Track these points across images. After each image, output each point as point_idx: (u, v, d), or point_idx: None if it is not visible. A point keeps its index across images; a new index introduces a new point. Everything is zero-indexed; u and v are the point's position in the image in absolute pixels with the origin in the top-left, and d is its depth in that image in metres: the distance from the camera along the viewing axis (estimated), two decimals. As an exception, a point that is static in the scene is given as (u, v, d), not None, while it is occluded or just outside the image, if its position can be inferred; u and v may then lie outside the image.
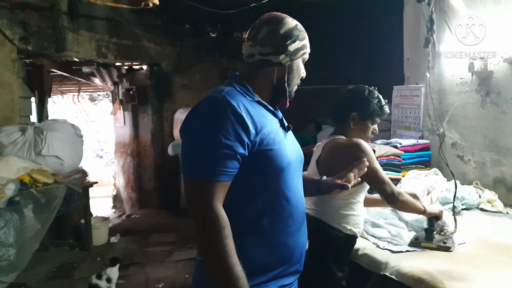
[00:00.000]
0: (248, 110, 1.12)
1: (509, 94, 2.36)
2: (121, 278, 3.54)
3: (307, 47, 1.27)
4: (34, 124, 3.96)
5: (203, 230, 1.06)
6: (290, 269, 1.21)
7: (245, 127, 1.09)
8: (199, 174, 1.07)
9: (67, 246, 4.32)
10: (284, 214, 1.18)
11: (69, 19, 4.28)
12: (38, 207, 3.25)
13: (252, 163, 1.11)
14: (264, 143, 1.13)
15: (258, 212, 1.15)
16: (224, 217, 1.06)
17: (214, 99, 1.12)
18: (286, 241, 1.19)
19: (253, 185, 1.14)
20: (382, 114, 1.82)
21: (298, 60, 1.26)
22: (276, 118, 1.25)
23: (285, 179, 1.18)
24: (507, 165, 2.40)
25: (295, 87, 1.30)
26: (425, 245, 1.74)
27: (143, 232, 5.05)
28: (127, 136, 6.62)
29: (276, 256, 1.17)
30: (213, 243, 1.04)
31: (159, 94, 6.02)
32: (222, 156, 1.06)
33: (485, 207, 2.28)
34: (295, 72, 1.26)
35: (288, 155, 1.19)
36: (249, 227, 1.14)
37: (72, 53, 4.51)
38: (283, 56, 1.21)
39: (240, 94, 1.17)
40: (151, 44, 5.59)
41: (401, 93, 3.26)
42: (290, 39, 1.21)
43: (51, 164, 3.74)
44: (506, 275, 1.43)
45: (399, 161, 2.62)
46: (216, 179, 1.07)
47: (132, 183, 6.60)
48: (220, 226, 1.04)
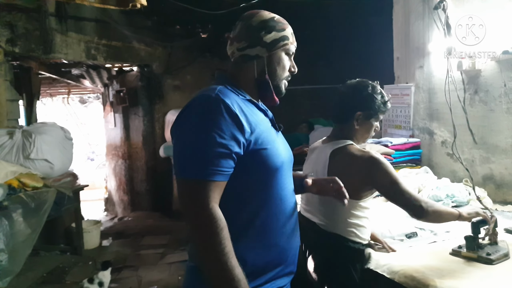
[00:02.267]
0: (242, 109, 1.10)
1: (497, 92, 2.38)
2: (114, 282, 3.51)
3: (288, 39, 1.23)
4: (22, 127, 3.91)
5: (201, 233, 1.02)
6: (285, 270, 1.20)
7: (240, 126, 1.07)
8: (194, 175, 1.03)
9: (58, 250, 4.27)
10: (279, 214, 1.17)
11: (57, 21, 4.24)
12: (27, 212, 3.20)
13: (247, 162, 1.09)
14: (259, 142, 1.11)
15: (253, 213, 1.13)
16: (222, 218, 1.03)
17: (207, 98, 1.09)
18: (281, 242, 1.18)
19: (248, 185, 1.12)
20: (386, 110, 1.72)
21: (279, 52, 1.22)
22: (267, 117, 1.24)
23: (279, 178, 1.17)
24: (496, 163, 2.43)
25: (284, 82, 1.27)
26: (466, 255, 1.55)
27: (136, 235, 5.02)
28: (118, 139, 6.57)
29: (272, 257, 1.16)
30: (212, 245, 1.00)
31: (150, 95, 5.99)
32: (217, 155, 1.03)
33: (474, 204, 2.30)
34: (276, 64, 1.22)
35: (281, 155, 1.18)
36: (245, 229, 1.12)
37: (61, 55, 4.46)
38: (258, 47, 1.19)
39: (233, 92, 1.15)
40: (141, 46, 5.56)
41: (391, 92, 3.27)
42: (264, 29, 1.19)
43: (40, 167, 3.70)
44: (496, 272, 1.44)
45: (390, 159, 2.64)
46: (212, 179, 1.03)
47: (124, 185, 6.55)
48: (218, 228, 1.01)
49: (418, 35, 2.93)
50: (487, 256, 1.50)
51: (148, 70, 5.89)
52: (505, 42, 2.27)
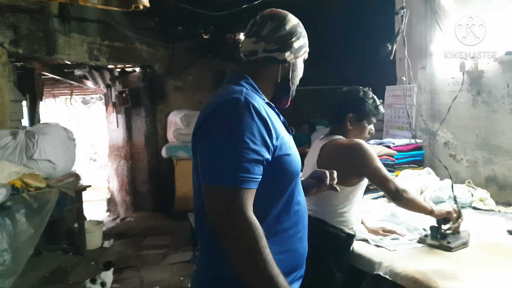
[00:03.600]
0: (267, 112, 1.07)
1: (499, 93, 2.38)
2: (116, 282, 3.51)
3: (307, 45, 1.25)
4: (26, 128, 3.92)
5: (240, 243, 0.98)
6: (299, 274, 1.19)
7: (268, 131, 1.04)
8: (228, 183, 0.99)
9: (60, 250, 4.27)
10: (296, 219, 1.16)
11: (60, 22, 4.26)
12: (30, 212, 3.21)
13: (272, 168, 1.06)
14: (283, 147, 1.09)
15: (275, 219, 1.11)
16: (259, 226, 0.99)
17: (236, 101, 1.04)
18: (298, 247, 1.17)
19: (272, 192, 1.10)
20: (378, 114, 1.85)
21: (301, 58, 1.24)
22: (281, 120, 1.20)
23: (297, 184, 1.17)
24: (499, 164, 2.42)
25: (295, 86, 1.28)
26: (430, 243, 1.74)
27: (138, 235, 5.02)
28: (121, 139, 6.59)
29: (290, 262, 1.14)
30: (255, 255, 0.97)
31: (152, 96, 6.00)
32: (251, 161, 1.00)
33: (477, 205, 2.29)
34: (299, 70, 1.25)
35: (299, 160, 1.17)
36: (268, 235, 1.05)
37: (64, 56, 4.48)
38: (288, 53, 1.17)
39: (256, 95, 1.11)
40: (143, 47, 5.57)
41: (393, 93, 3.27)
42: (295, 35, 1.18)
43: (43, 168, 3.71)
44: (499, 274, 1.44)
45: (392, 160, 2.64)
46: (247, 187, 0.99)
47: (126, 186, 6.56)
48: (258, 237, 0.98)
49: (420, 36, 2.93)
50: (447, 244, 1.69)
51: (150, 71, 5.90)
52: (507, 42, 2.26)
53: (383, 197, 2.55)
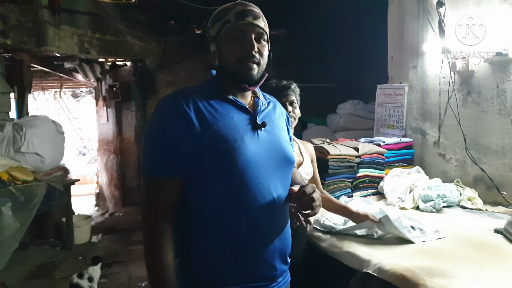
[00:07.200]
0: (198, 107, 1.11)
1: (489, 94, 2.40)
2: (104, 277, 3.49)
3: (229, 22, 1.17)
4: (13, 120, 3.86)
5: (144, 230, 1.11)
6: (256, 276, 1.15)
7: (189, 122, 1.09)
8: (145, 172, 1.11)
9: (47, 245, 4.23)
10: (248, 215, 1.11)
11: (50, 13, 4.18)
12: (17, 206, 3.17)
13: (204, 158, 1.09)
14: (215, 138, 1.09)
15: (214, 212, 1.11)
16: (163, 217, 1.09)
17: (162, 99, 1.16)
18: (249, 244, 1.13)
19: (209, 183, 1.11)
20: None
21: (224, 40, 1.18)
22: (248, 115, 1.17)
23: (248, 176, 1.11)
24: (487, 164, 2.45)
25: (247, 66, 1.16)
26: None
27: (126, 230, 4.99)
28: (110, 133, 6.53)
29: (239, 261, 1.12)
30: (147, 243, 1.10)
31: (143, 90, 5.96)
32: (161, 150, 1.09)
33: (465, 204, 2.32)
34: (224, 52, 1.20)
35: (248, 153, 1.11)
36: (206, 228, 1.11)
37: (53, 48, 4.40)
38: (212, 44, 1.24)
39: (198, 92, 1.16)
40: (135, 40, 5.51)
41: (384, 91, 3.29)
42: (211, 26, 1.23)
43: (30, 161, 3.66)
44: (485, 272, 1.45)
45: (382, 159, 2.65)
46: (158, 175, 1.09)
47: (115, 180, 6.51)
48: (155, 227, 1.09)
49: (412, 35, 2.94)
50: None
51: (141, 65, 5.85)
52: (499, 43, 2.28)
53: (372, 195, 2.57)
